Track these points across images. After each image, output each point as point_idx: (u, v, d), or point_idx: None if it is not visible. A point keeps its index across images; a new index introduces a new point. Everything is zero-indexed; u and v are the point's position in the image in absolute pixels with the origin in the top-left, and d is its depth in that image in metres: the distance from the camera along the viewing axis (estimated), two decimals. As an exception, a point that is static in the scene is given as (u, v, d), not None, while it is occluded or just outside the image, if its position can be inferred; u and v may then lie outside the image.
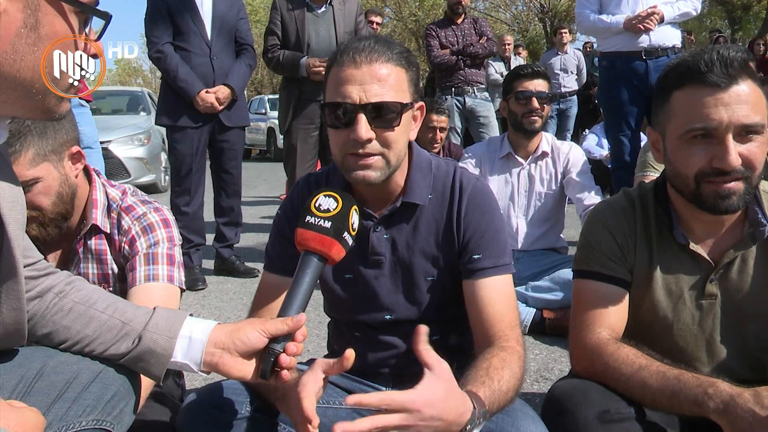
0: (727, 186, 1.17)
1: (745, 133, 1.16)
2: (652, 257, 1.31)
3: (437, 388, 0.95)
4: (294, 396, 0.99)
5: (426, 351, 0.98)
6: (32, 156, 1.33)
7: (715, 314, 1.30)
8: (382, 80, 1.17)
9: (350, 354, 0.98)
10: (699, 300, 1.29)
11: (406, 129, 1.24)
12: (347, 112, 1.18)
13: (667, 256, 1.30)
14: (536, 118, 2.78)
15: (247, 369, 1.05)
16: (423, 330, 0.98)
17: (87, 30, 0.88)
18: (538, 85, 2.81)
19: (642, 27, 3.59)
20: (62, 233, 1.44)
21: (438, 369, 0.97)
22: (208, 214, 3.84)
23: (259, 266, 3.74)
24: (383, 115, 1.17)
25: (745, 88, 1.16)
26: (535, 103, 2.77)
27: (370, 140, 1.18)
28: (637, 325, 1.33)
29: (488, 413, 1.03)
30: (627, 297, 1.32)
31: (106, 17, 0.89)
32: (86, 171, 1.49)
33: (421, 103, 1.28)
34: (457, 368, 1.38)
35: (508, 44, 8.37)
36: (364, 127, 1.16)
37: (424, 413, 0.93)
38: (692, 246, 1.28)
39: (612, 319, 1.29)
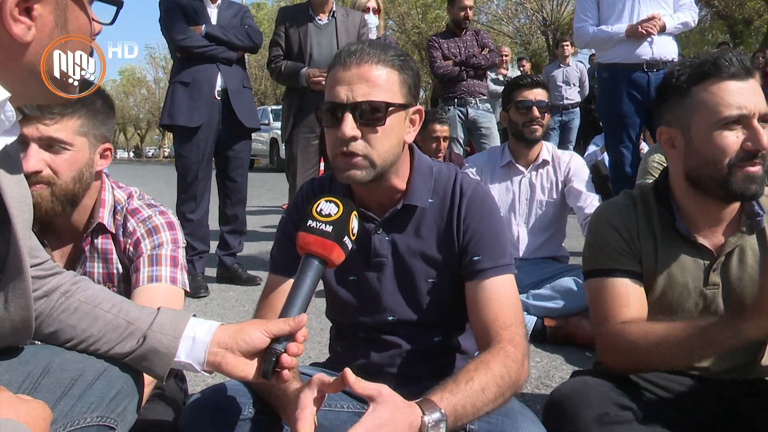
0: (754, 169, 1.25)
1: (762, 121, 1.25)
2: (656, 249, 1.36)
3: (380, 413, 0.99)
4: (292, 418, 1.02)
5: (360, 387, 1.01)
6: (78, 125, 1.39)
7: (717, 303, 1.35)
8: (370, 81, 1.20)
9: (349, 374, 1.00)
10: (702, 289, 1.35)
11: (397, 130, 1.24)
12: (335, 111, 1.21)
13: (671, 248, 1.36)
14: (537, 127, 2.80)
15: (249, 369, 1.06)
16: (347, 372, 1.01)
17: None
18: (538, 94, 2.83)
19: (644, 31, 3.58)
20: (65, 214, 1.44)
21: (377, 396, 1.01)
22: (213, 223, 3.86)
23: (262, 274, 3.78)
24: (368, 114, 1.20)
25: (757, 84, 1.28)
26: (536, 112, 2.79)
27: (355, 138, 1.20)
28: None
29: (450, 415, 1.05)
30: (642, 287, 1.36)
31: (118, 3, 0.93)
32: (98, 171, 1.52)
33: (419, 107, 1.29)
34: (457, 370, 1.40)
35: (506, 56, 8.40)
36: (348, 125, 1.19)
37: None
38: (695, 236, 1.33)
39: (632, 310, 1.32)
